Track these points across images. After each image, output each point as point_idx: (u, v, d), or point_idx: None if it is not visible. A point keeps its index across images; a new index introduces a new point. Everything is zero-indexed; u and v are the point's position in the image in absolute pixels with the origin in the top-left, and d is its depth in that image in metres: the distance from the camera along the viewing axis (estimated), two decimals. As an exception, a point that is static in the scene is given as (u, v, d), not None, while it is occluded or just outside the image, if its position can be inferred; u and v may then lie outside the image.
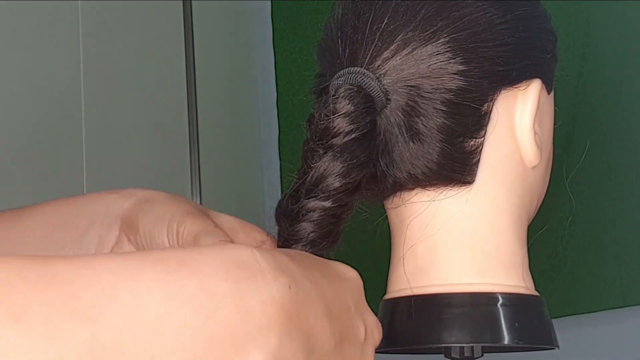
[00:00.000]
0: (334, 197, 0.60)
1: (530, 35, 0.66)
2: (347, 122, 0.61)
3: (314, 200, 0.60)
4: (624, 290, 1.51)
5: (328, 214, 0.60)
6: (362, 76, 0.62)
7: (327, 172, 0.60)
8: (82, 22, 1.57)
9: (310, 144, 0.62)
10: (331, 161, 0.60)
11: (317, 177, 0.61)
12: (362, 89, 0.62)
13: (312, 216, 0.60)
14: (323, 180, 0.60)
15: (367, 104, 0.61)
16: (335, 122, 0.61)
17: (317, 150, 0.61)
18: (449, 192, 0.65)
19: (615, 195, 1.52)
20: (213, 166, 1.85)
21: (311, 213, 0.60)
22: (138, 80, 1.70)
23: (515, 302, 0.64)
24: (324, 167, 0.60)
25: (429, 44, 0.62)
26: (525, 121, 0.65)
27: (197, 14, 1.87)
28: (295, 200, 0.62)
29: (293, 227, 0.61)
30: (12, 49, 1.42)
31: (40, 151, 1.45)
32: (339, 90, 0.62)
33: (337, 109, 0.61)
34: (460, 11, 0.63)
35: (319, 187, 0.60)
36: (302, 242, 0.60)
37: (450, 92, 0.62)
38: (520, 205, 0.66)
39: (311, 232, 0.60)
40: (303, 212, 0.61)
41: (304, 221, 0.61)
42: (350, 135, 0.61)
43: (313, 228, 0.60)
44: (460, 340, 0.63)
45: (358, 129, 0.61)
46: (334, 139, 0.61)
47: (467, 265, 0.64)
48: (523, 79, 0.65)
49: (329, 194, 0.60)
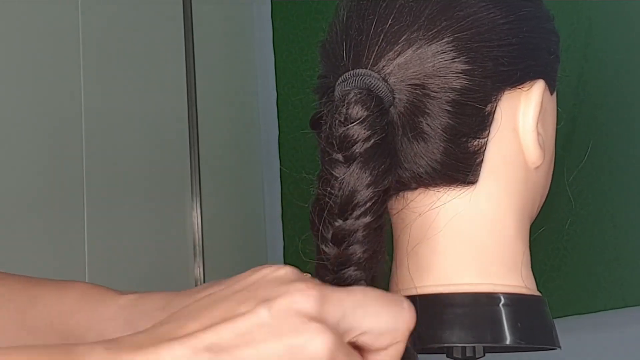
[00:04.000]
0: (371, 209, 0.59)
1: (533, 35, 0.66)
2: (364, 128, 0.60)
3: (353, 220, 0.59)
4: (623, 290, 1.51)
5: (371, 228, 0.59)
6: (369, 78, 0.62)
7: (357, 185, 0.59)
8: (82, 22, 1.57)
9: (330, 154, 0.60)
10: (359, 172, 0.59)
11: (348, 192, 0.59)
12: (372, 91, 0.61)
13: (357, 237, 0.58)
14: (356, 195, 0.59)
15: (379, 107, 0.61)
16: (352, 130, 0.60)
17: (338, 160, 0.60)
18: (452, 192, 0.65)
19: (615, 195, 1.52)
20: (213, 166, 1.85)
21: (356, 234, 0.58)
22: (138, 81, 1.70)
23: (517, 302, 0.64)
24: (352, 180, 0.59)
25: (433, 43, 0.62)
26: (529, 122, 0.65)
27: (197, 14, 1.87)
28: (330, 217, 0.59)
29: (341, 250, 0.59)
30: (12, 49, 1.42)
31: (39, 148, 1.45)
32: (348, 96, 0.61)
33: (352, 116, 0.60)
34: (464, 11, 0.63)
35: (353, 202, 0.59)
36: (355, 266, 0.58)
37: (455, 91, 0.62)
38: (523, 206, 0.66)
39: (362, 253, 0.58)
40: (346, 233, 0.58)
41: (352, 244, 0.58)
42: (370, 141, 0.60)
43: (363, 248, 0.58)
44: (462, 340, 0.63)
45: (375, 133, 0.60)
46: (354, 146, 0.59)
47: (469, 265, 0.64)
48: (527, 79, 0.65)
49: (365, 207, 0.59)
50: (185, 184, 1.79)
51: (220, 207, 1.87)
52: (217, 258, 1.82)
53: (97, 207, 1.53)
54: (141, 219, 1.64)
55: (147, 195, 1.67)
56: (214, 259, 1.81)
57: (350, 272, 0.59)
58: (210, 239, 1.81)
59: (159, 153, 1.72)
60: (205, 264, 1.78)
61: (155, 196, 1.70)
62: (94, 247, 1.51)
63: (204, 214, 1.80)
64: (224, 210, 1.89)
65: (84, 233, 1.50)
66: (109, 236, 1.55)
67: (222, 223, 1.87)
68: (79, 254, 1.48)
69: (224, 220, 1.88)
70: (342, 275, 0.59)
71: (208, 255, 1.80)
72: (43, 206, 1.43)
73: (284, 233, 1.95)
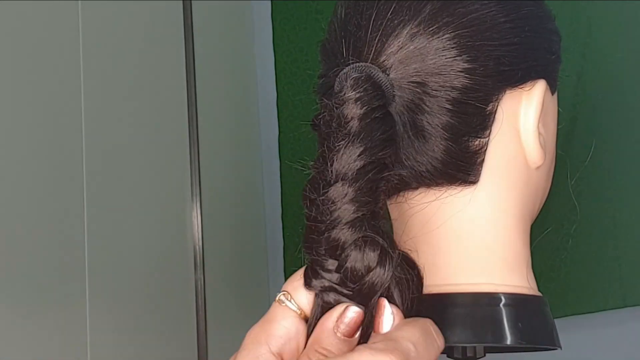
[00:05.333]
0: (362, 177, 0.58)
1: (535, 35, 0.65)
2: (359, 106, 0.59)
3: (342, 184, 0.58)
4: (623, 290, 1.51)
5: (364, 189, 0.58)
6: (370, 69, 0.62)
7: (350, 156, 0.58)
8: (82, 22, 1.57)
9: (331, 140, 0.60)
10: (351, 147, 0.58)
11: (341, 163, 0.58)
12: (370, 77, 0.61)
13: (348, 197, 0.58)
14: (347, 166, 0.58)
15: (375, 90, 0.61)
16: (347, 109, 0.59)
17: (338, 145, 0.59)
18: (453, 191, 0.64)
19: (615, 196, 1.52)
20: (213, 166, 1.85)
21: (346, 196, 0.58)
22: (138, 81, 1.70)
23: (518, 302, 0.64)
24: (346, 153, 0.58)
25: (434, 38, 0.62)
26: (530, 122, 0.65)
27: (197, 14, 1.87)
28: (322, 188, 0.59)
29: (332, 213, 0.58)
30: (12, 49, 1.42)
31: (39, 144, 1.45)
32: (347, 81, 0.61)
33: (347, 96, 0.60)
34: (465, 8, 0.63)
35: (344, 170, 0.58)
36: (349, 224, 0.58)
37: (456, 90, 0.62)
38: (524, 206, 0.66)
39: (354, 212, 0.58)
40: (337, 196, 0.58)
41: (343, 204, 0.58)
42: (366, 118, 0.59)
43: (354, 207, 0.58)
44: (462, 340, 0.63)
45: (371, 110, 0.59)
46: (349, 123, 0.59)
47: (470, 265, 0.64)
48: (528, 79, 0.65)
49: (353, 175, 0.58)
50: (185, 184, 1.79)
51: (220, 207, 1.87)
52: (216, 258, 1.82)
53: (97, 207, 1.53)
54: (141, 218, 1.64)
55: (147, 195, 1.67)
56: (214, 259, 1.81)
57: (343, 231, 0.58)
58: (210, 239, 1.81)
59: (159, 153, 1.72)
60: (205, 264, 1.78)
61: (155, 196, 1.70)
62: (94, 247, 1.51)
63: (204, 214, 1.80)
64: (224, 210, 1.89)
65: (84, 233, 1.50)
66: (109, 236, 1.55)
67: (222, 223, 1.87)
68: (79, 254, 1.48)
69: (224, 221, 1.88)
70: (330, 235, 0.58)
71: (208, 255, 1.80)
72: (43, 205, 1.43)
73: (284, 233, 1.95)
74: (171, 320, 1.69)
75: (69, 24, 1.55)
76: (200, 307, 1.76)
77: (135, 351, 1.59)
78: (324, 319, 0.57)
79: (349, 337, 0.57)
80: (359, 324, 0.57)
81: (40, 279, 1.40)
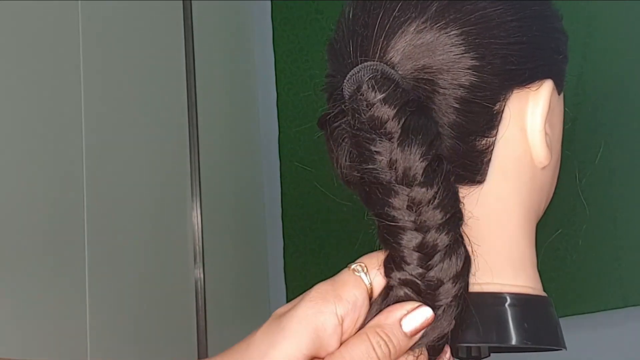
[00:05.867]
0: (435, 178, 0.59)
1: (542, 35, 0.65)
2: (389, 107, 0.59)
3: (420, 188, 0.58)
4: (624, 290, 1.51)
5: (444, 192, 0.59)
6: (379, 66, 0.61)
7: (410, 160, 0.59)
8: (82, 22, 1.57)
9: (363, 133, 0.60)
10: (405, 148, 0.59)
11: (403, 169, 0.59)
12: (385, 74, 0.61)
13: (434, 202, 0.59)
14: (410, 171, 0.59)
15: (396, 86, 0.60)
16: (378, 111, 0.59)
17: (373, 138, 0.60)
18: (461, 191, 0.64)
19: (616, 195, 1.53)
20: (213, 166, 1.85)
21: (433, 199, 0.59)
22: (138, 81, 1.70)
23: (523, 302, 0.64)
24: (403, 157, 0.59)
25: (442, 34, 0.62)
26: (537, 122, 0.65)
27: (197, 14, 1.87)
28: (384, 189, 0.59)
29: (419, 216, 0.59)
30: (12, 49, 1.42)
31: (38, 146, 1.44)
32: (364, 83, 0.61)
33: (372, 101, 0.60)
34: (473, 6, 0.63)
35: (412, 174, 0.58)
36: (438, 228, 0.59)
37: (464, 88, 0.62)
38: (530, 206, 0.66)
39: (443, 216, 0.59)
40: (422, 199, 0.59)
41: (431, 209, 0.59)
42: (402, 116, 0.59)
43: (442, 214, 0.59)
44: (467, 340, 0.63)
45: (405, 105, 0.60)
46: (386, 125, 0.59)
47: (476, 265, 0.64)
48: (535, 79, 0.65)
49: (426, 178, 0.59)
50: (185, 184, 1.78)
51: (220, 207, 1.87)
52: (217, 258, 1.82)
53: (97, 206, 1.53)
54: (141, 218, 1.64)
55: (147, 195, 1.67)
56: (214, 259, 1.81)
57: (441, 235, 0.59)
58: (210, 239, 1.81)
59: (159, 153, 1.72)
60: (205, 264, 1.78)
61: (155, 196, 1.69)
62: (94, 246, 1.51)
63: (204, 214, 1.80)
64: (224, 210, 1.89)
65: (84, 233, 1.50)
66: (109, 235, 1.55)
67: (222, 223, 1.87)
68: (79, 254, 1.48)
69: (224, 220, 1.88)
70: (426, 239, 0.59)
71: (208, 255, 1.79)
72: (43, 204, 1.43)
73: (284, 233, 1.95)
74: (171, 319, 1.69)
75: (69, 24, 1.55)
76: (200, 306, 1.75)
77: (135, 351, 1.59)
78: (394, 308, 0.58)
79: (412, 335, 0.58)
80: (426, 327, 0.58)
81: (41, 279, 1.40)
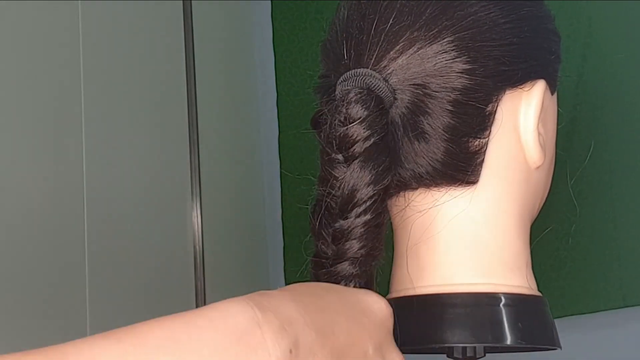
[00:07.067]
0: (371, 207, 0.60)
1: (535, 35, 0.66)
2: (364, 128, 0.60)
3: (353, 218, 0.60)
4: (624, 290, 1.51)
5: (371, 225, 0.60)
6: (370, 78, 0.62)
7: (357, 183, 0.60)
8: (82, 22, 1.57)
9: (329, 154, 0.61)
10: (359, 171, 0.60)
11: (348, 192, 0.60)
12: (372, 91, 0.62)
13: (356, 232, 0.60)
14: (356, 194, 0.60)
15: (379, 107, 0.61)
16: (352, 130, 0.60)
17: (337, 160, 0.61)
18: (453, 192, 0.65)
19: (616, 195, 1.53)
20: (213, 166, 1.85)
21: (355, 229, 0.60)
22: (138, 80, 1.70)
23: (518, 302, 0.64)
24: (352, 179, 0.60)
25: (434, 43, 0.62)
26: (530, 122, 0.65)
27: (197, 14, 1.87)
28: (330, 217, 0.61)
29: (338, 246, 0.60)
30: (12, 49, 1.42)
31: (38, 144, 1.45)
32: (349, 95, 0.62)
33: (351, 115, 0.61)
34: (465, 10, 0.63)
35: (354, 200, 0.60)
36: (350, 261, 0.60)
37: (456, 91, 0.62)
38: (524, 206, 0.66)
39: (359, 249, 0.60)
40: (346, 230, 0.60)
41: (349, 239, 0.60)
42: (369, 140, 0.60)
43: (360, 244, 0.60)
44: (462, 340, 0.63)
45: (375, 132, 0.61)
46: (353, 146, 0.60)
47: (470, 265, 0.64)
48: (528, 79, 0.65)
49: (365, 205, 0.60)
50: (185, 184, 1.79)
51: (220, 207, 1.87)
52: (217, 258, 1.82)
53: (97, 207, 1.53)
54: (141, 218, 1.64)
55: (147, 195, 1.67)
56: (214, 260, 1.81)
57: (344, 266, 0.60)
58: (210, 239, 1.81)
59: (159, 153, 1.72)
60: (205, 264, 1.78)
61: (155, 196, 1.70)
62: (94, 247, 1.51)
63: (204, 214, 1.80)
64: (224, 211, 1.89)
65: (84, 233, 1.50)
66: (109, 236, 1.55)
67: (222, 223, 1.87)
68: (79, 254, 1.48)
69: (224, 221, 1.88)
70: (335, 269, 0.60)
71: (208, 255, 1.80)
72: (43, 204, 1.43)
73: (284, 233, 1.95)
74: (171, 320, 1.69)
75: (69, 24, 1.55)
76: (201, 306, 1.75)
77: (135, 351, 1.59)
78: None
79: None
80: None
81: (40, 280, 1.40)
